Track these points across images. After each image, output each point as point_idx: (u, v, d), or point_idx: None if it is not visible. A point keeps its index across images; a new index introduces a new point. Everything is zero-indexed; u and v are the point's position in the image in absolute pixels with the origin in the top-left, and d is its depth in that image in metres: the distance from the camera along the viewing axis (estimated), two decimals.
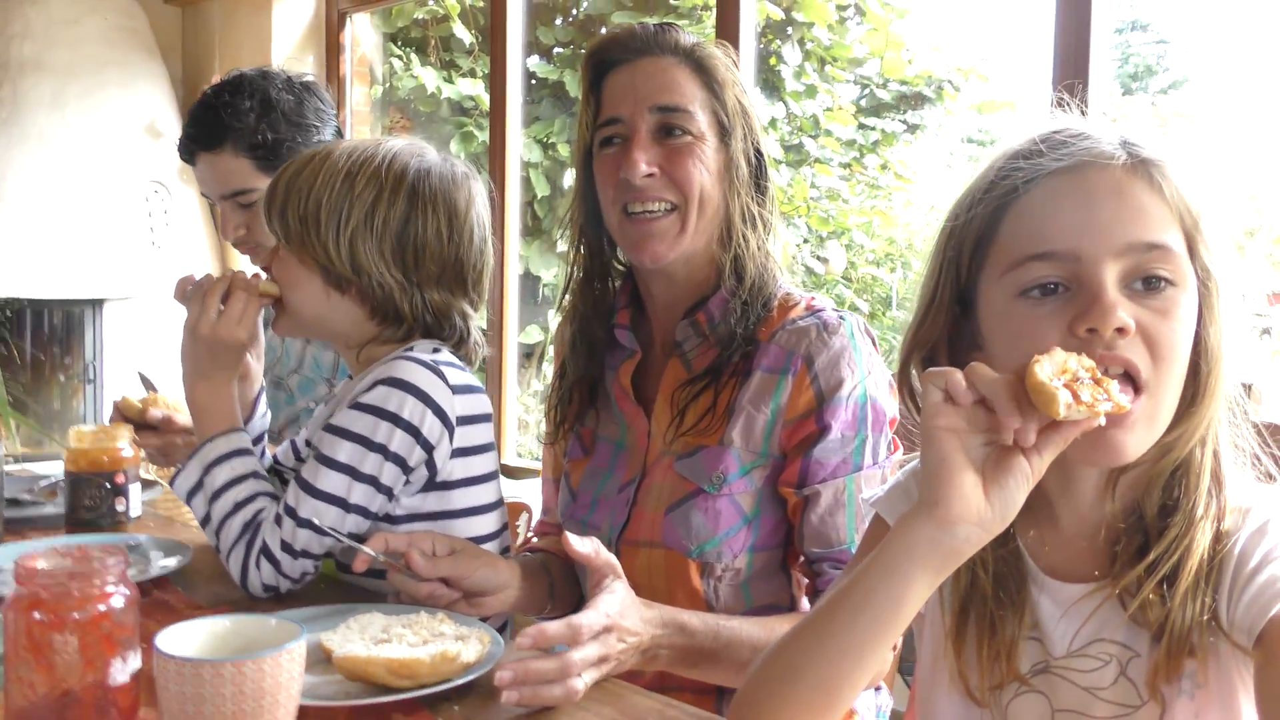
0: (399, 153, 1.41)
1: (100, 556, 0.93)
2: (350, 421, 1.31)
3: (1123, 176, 0.88)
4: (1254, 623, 0.83)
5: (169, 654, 0.82)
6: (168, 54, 4.75)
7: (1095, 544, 0.94)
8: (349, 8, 4.55)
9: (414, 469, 1.32)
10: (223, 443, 1.39)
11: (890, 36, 5.67)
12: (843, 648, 0.86)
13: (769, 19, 5.31)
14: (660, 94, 1.36)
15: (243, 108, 1.88)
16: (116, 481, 1.57)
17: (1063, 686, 0.95)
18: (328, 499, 1.29)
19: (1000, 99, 6.07)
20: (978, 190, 0.94)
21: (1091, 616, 0.93)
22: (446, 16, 5.28)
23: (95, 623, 0.89)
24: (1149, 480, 0.92)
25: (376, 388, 1.31)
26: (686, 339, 1.41)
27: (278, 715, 0.84)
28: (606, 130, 1.38)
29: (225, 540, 1.33)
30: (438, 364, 1.34)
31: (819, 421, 1.31)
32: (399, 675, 0.99)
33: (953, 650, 0.98)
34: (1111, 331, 0.84)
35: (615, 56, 1.40)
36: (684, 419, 1.37)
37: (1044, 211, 0.89)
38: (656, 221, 1.35)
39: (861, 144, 5.98)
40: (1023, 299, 0.89)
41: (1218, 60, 11.09)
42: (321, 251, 1.37)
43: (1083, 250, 0.86)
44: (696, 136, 1.35)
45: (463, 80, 5.25)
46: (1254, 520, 0.89)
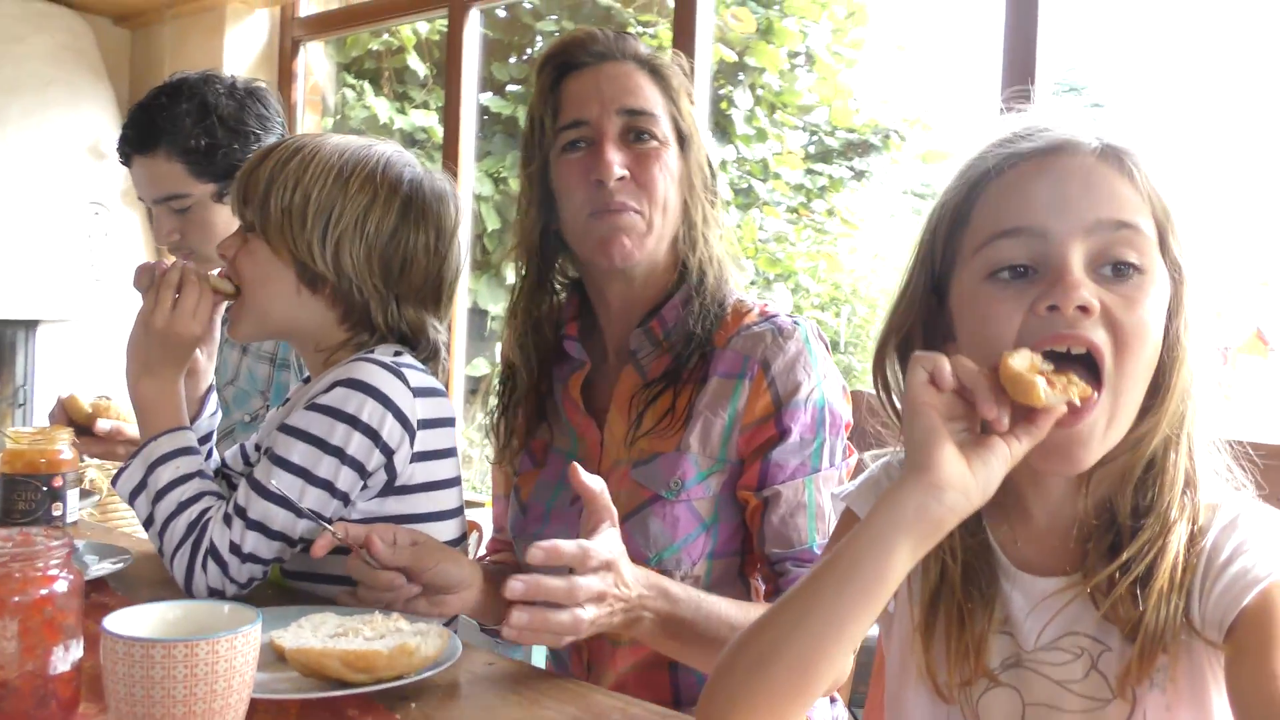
0: (391, 159, 1.40)
1: (44, 540, 0.89)
2: (307, 422, 1.27)
3: (1094, 161, 0.89)
4: (1224, 616, 0.84)
5: (118, 634, 0.79)
6: (115, 75, 4.68)
7: (1067, 540, 0.94)
8: (303, 35, 4.54)
9: (372, 473, 1.29)
10: (167, 441, 1.34)
11: (838, 86, 5.79)
12: (827, 621, 0.85)
13: (722, 61, 5.39)
14: (626, 97, 1.35)
15: (178, 110, 1.86)
16: (54, 485, 1.51)
17: (1034, 680, 0.94)
18: (279, 501, 1.25)
19: (944, 149, 6.21)
20: (956, 175, 0.95)
21: (1063, 611, 0.93)
22: (401, 48, 5.28)
23: (37, 607, 0.86)
24: (1121, 477, 0.92)
25: (335, 389, 1.28)
26: (641, 347, 1.40)
27: (230, 701, 0.81)
28: (571, 133, 1.36)
29: (169, 541, 1.28)
30: (399, 366, 1.31)
31: (778, 425, 1.31)
32: (355, 669, 0.95)
33: (921, 645, 0.98)
34: (1074, 309, 0.84)
35: (577, 59, 1.39)
36: (641, 422, 1.36)
37: (1014, 191, 0.90)
38: (622, 216, 1.34)
39: (809, 189, 6.07)
40: (991, 281, 0.90)
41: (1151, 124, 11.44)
42: (305, 248, 1.33)
43: (1050, 228, 0.87)
44: (661, 142, 1.36)
45: (415, 112, 5.24)
46: (1224, 515, 0.89)
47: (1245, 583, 0.83)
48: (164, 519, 1.29)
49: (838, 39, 5.78)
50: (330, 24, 4.54)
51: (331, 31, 4.60)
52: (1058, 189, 0.88)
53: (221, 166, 1.87)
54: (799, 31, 5.57)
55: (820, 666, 0.86)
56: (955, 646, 0.95)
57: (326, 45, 4.86)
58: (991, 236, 0.90)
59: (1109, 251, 0.87)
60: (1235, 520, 0.89)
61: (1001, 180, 0.91)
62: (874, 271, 6.56)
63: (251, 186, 1.36)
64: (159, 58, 4.65)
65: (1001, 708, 0.95)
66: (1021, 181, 0.90)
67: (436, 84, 5.31)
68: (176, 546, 1.27)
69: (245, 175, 1.38)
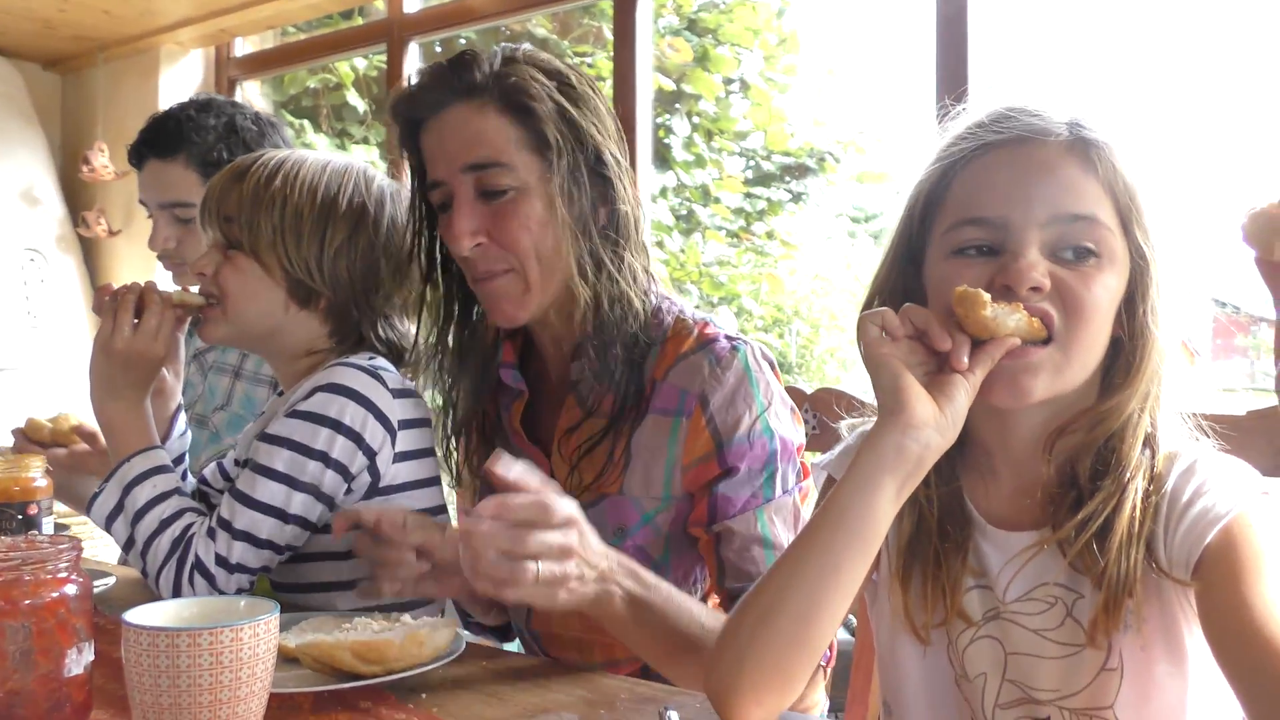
0: (369, 173, 1.42)
1: (51, 544, 0.89)
2: (288, 430, 1.28)
3: (1057, 153, 0.94)
4: (1190, 554, 0.89)
5: (141, 625, 0.79)
6: (46, 121, 4.62)
7: (1032, 500, 1.00)
8: (239, 75, 4.52)
9: (356, 476, 1.30)
10: (140, 461, 1.33)
11: (773, 111, 5.91)
12: (822, 568, 0.89)
13: (660, 90, 5.47)
14: (469, 151, 1.25)
15: (207, 124, 1.90)
16: (28, 513, 1.48)
17: (1014, 630, 0.99)
18: (265, 509, 1.25)
19: (878, 170, 6.36)
20: (932, 160, 1.01)
21: (1034, 562, 0.97)
22: (340, 85, 5.28)
23: (50, 609, 0.86)
24: (1082, 446, 0.97)
25: (316, 394, 1.29)
26: (582, 378, 1.32)
27: (254, 689, 0.82)
28: (435, 195, 1.30)
29: (153, 560, 1.27)
30: (375, 368, 1.33)
31: (721, 463, 1.25)
32: (367, 660, 0.96)
33: (899, 589, 1.03)
34: (1026, 290, 0.91)
35: (419, 114, 1.30)
36: (582, 475, 1.30)
37: (982, 181, 0.96)
38: (496, 281, 1.28)
39: (749, 212, 6.17)
40: (956, 257, 0.96)
41: None
42: (301, 265, 1.35)
43: (1011, 220, 0.93)
44: (519, 189, 1.25)
45: (356, 148, 5.24)
46: (1182, 462, 0.95)
47: (1207, 521, 0.89)
48: (145, 539, 1.28)
49: (771, 65, 5.91)
50: (267, 63, 4.53)
51: (268, 70, 4.59)
52: (1021, 183, 0.94)
53: None
54: (734, 58, 5.68)
55: (820, 615, 0.90)
56: (931, 588, 1.01)
57: (263, 84, 4.85)
58: (958, 222, 0.96)
59: (1066, 239, 0.93)
60: (1193, 465, 0.94)
61: (970, 168, 0.97)
62: (815, 292, 6.67)
63: (233, 205, 1.36)
64: (92, 102, 4.60)
65: (985, 657, 1.01)
66: (988, 172, 0.96)
67: (376, 119, 5.32)
68: (162, 564, 1.26)
69: (220, 193, 1.38)
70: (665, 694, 1.01)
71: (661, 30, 5.52)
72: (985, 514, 1.03)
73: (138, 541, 1.29)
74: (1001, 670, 1.00)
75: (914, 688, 1.06)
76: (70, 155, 4.62)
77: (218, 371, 1.96)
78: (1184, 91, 6.24)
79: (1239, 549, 0.87)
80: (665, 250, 4.91)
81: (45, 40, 4.43)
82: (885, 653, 1.10)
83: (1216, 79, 6.24)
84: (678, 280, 5.29)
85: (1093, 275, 0.93)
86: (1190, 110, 5.91)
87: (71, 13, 4.09)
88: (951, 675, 1.03)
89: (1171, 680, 0.94)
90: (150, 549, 1.27)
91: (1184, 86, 6.29)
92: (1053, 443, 0.98)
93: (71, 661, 0.87)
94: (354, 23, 4.56)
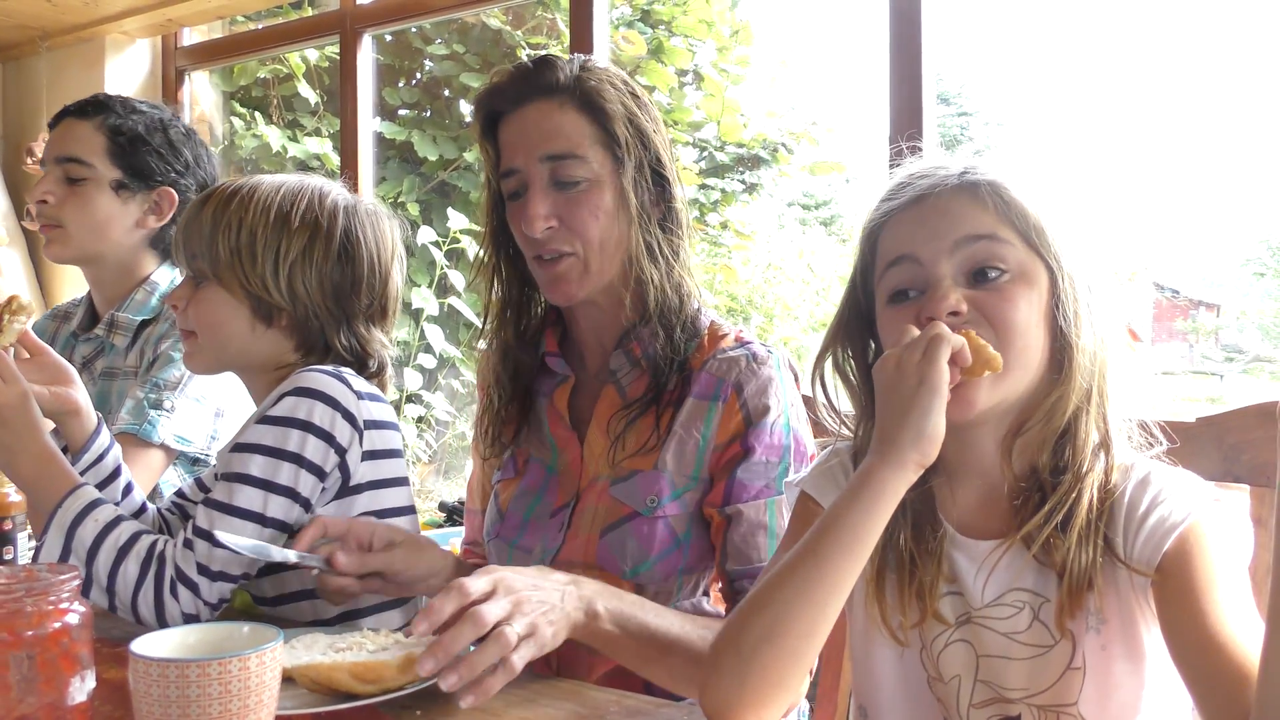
0: (324, 189, 1.46)
1: (52, 574, 0.90)
2: (259, 436, 1.30)
3: (951, 194, 1.06)
4: (1151, 556, 0.97)
5: (151, 657, 0.81)
6: None
7: (1000, 505, 1.07)
8: (187, 65, 4.45)
9: (329, 474, 1.32)
10: (71, 502, 1.29)
11: (726, 102, 5.94)
12: (831, 589, 0.96)
13: None
14: (548, 142, 1.36)
15: (136, 105, 1.95)
16: (3, 529, 1.48)
17: (985, 634, 1.06)
18: (243, 514, 1.27)
19: (830, 160, 6.44)
20: (862, 233, 1.14)
21: (1004, 567, 1.05)
22: (290, 75, 5.22)
23: (54, 639, 0.87)
24: (1040, 444, 1.05)
25: (284, 399, 1.32)
26: (621, 367, 1.43)
27: (261, 715, 0.84)
28: (509, 182, 1.40)
29: (124, 587, 1.25)
30: (339, 372, 1.36)
31: (744, 444, 1.34)
32: (364, 680, 0.98)
33: (874, 594, 1.09)
34: (946, 315, 1.01)
35: (501, 106, 1.41)
36: (625, 444, 1.39)
37: (896, 231, 1.09)
38: (559, 264, 1.37)
39: (703, 203, 6.21)
40: (891, 305, 1.08)
41: (1015, 131, 12.09)
42: (258, 283, 1.38)
43: (920, 253, 1.05)
44: (592, 180, 1.36)
45: (308, 139, 5.18)
46: (1137, 473, 1.03)
47: (1165, 529, 0.97)
48: (109, 570, 1.25)
49: (724, 57, 5.94)
50: (215, 52, 4.46)
51: (217, 60, 4.52)
52: (925, 222, 1.06)
53: (139, 162, 1.92)
54: (687, 50, 5.71)
55: (823, 631, 0.97)
56: (907, 590, 1.07)
57: (212, 74, 4.78)
58: (885, 267, 1.09)
59: (971, 261, 1.04)
60: (1147, 477, 1.02)
61: (888, 226, 1.10)
62: (768, 282, 6.73)
63: (195, 235, 1.40)
64: (35, 91, 4.50)
65: (959, 660, 1.07)
66: (899, 225, 1.09)
67: (328, 110, 5.27)
68: (136, 588, 1.24)
69: (186, 227, 1.42)
70: (653, 706, 1.04)
71: (615, 22, 5.52)
72: (954, 523, 1.09)
73: (99, 577, 1.26)
74: (974, 672, 1.06)
75: (890, 690, 1.12)
76: (12, 145, 4.52)
77: (106, 378, 1.95)
78: (1128, 73, 6.40)
79: (1195, 556, 0.95)
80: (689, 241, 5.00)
81: None
82: (860, 656, 1.15)
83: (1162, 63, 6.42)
84: None
85: (1007, 290, 1.03)
86: (1132, 95, 6.07)
87: (13, 1, 4.00)
88: (925, 677, 1.10)
89: (1129, 678, 1.01)
90: (117, 578, 1.25)
91: (1128, 67, 6.45)
92: (1010, 445, 1.06)
93: (75, 690, 0.88)
94: (304, 13, 4.50)
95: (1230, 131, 12.02)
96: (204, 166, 2.01)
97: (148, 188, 1.94)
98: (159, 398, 1.80)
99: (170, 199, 1.95)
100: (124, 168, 1.91)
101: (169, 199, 1.95)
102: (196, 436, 1.83)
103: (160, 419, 1.78)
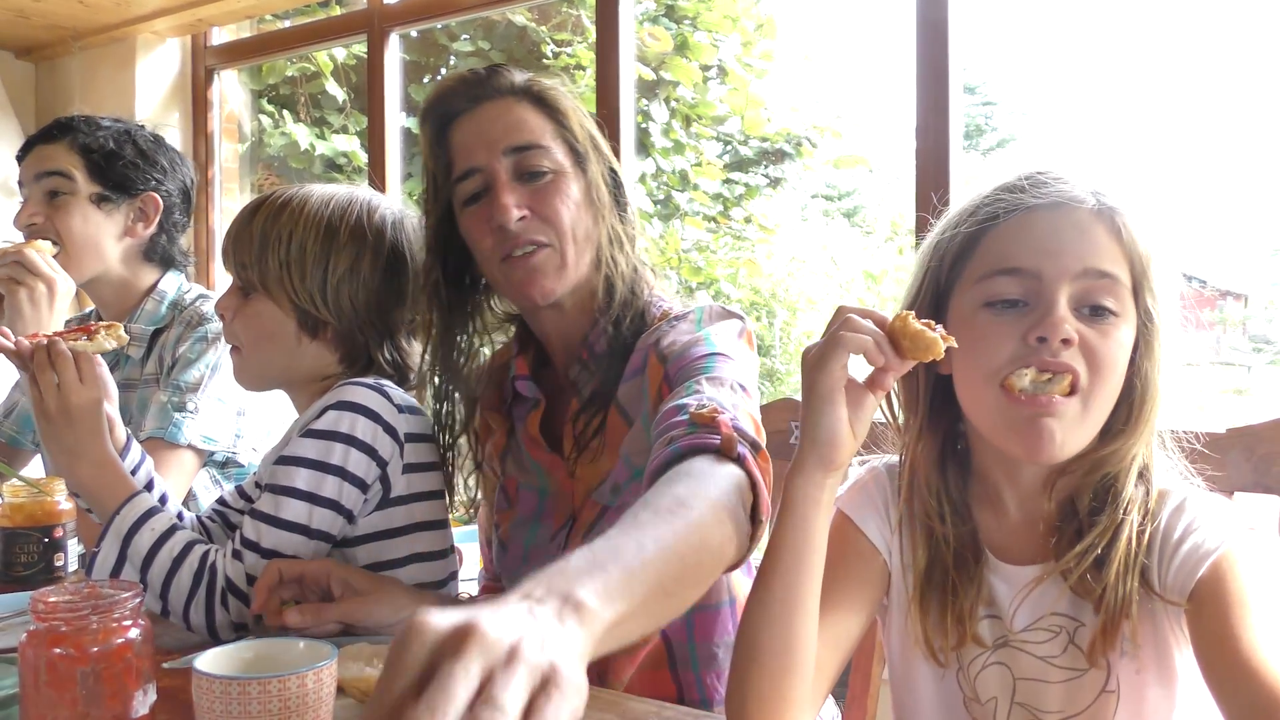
0: (372, 203, 1.47)
1: (116, 591, 0.93)
2: (304, 449, 1.33)
3: (1088, 217, 1.02)
4: (1185, 584, 0.98)
5: (214, 674, 0.84)
6: (20, 110, 4.58)
7: (1037, 533, 1.08)
8: (216, 64, 4.50)
9: (370, 486, 1.35)
10: (129, 510, 1.33)
11: (750, 96, 5.95)
12: (785, 601, 0.98)
13: (639, 78, 5.50)
14: (511, 135, 1.34)
15: (100, 123, 1.95)
16: (54, 536, 1.52)
17: (1021, 658, 1.07)
18: (290, 527, 1.30)
19: (854, 155, 6.43)
20: (965, 213, 1.08)
21: (1040, 593, 1.06)
22: (318, 73, 5.27)
23: (119, 654, 0.90)
24: (1081, 484, 1.05)
25: (327, 413, 1.34)
26: (579, 378, 1.40)
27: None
28: (467, 184, 1.35)
29: (177, 597, 1.29)
30: (381, 385, 1.38)
31: (668, 381, 1.24)
32: None
33: (918, 614, 1.10)
34: (1058, 341, 0.98)
35: (455, 107, 1.38)
36: (587, 460, 1.36)
37: (1017, 236, 1.03)
38: (535, 256, 1.33)
39: (727, 197, 6.22)
40: (987, 309, 1.03)
41: (1039, 120, 12.00)
42: (306, 297, 1.40)
43: (1044, 270, 1.01)
44: (557, 172, 1.34)
45: (336, 137, 5.23)
46: (1172, 501, 1.03)
47: (1198, 557, 0.98)
48: (161, 581, 1.29)
49: (748, 51, 5.95)
50: (244, 52, 4.50)
51: (246, 59, 4.56)
52: (1055, 240, 1.01)
53: (116, 175, 1.92)
54: (711, 45, 5.72)
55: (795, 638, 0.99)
56: (950, 614, 1.08)
57: (240, 73, 4.83)
58: (994, 271, 1.03)
59: (1089, 296, 1.00)
60: (1182, 504, 1.03)
61: (1007, 224, 1.04)
62: (791, 275, 6.74)
63: (244, 245, 1.42)
64: (67, 91, 4.56)
65: (995, 682, 1.09)
66: (1024, 229, 1.03)
67: (355, 108, 5.31)
68: (189, 598, 1.28)
69: (234, 236, 1.44)
70: (690, 717, 1.07)
71: (640, 18, 5.54)
72: (994, 548, 1.10)
73: (153, 585, 1.29)
74: (1011, 694, 1.07)
75: (928, 710, 1.13)
76: None
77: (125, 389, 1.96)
78: (1153, 59, 6.35)
79: (1227, 582, 0.96)
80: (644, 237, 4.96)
81: (18, 29, 4.39)
82: (899, 676, 1.17)
83: (1192, 62, 6.37)
84: (657, 266, 5.32)
85: (1111, 333, 1.00)
86: (1158, 82, 6.02)
87: (46, 2, 4.06)
88: (962, 698, 1.11)
89: (1163, 702, 1.03)
90: (171, 588, 1.29)
91: (1153, 53, 6.40)
92: (1054, 482, 1.06)
93: (138, 704, 0.91)
94: (332, 11, 4.53)
95: (1258, 119, 12.01)
96: (180, 170, 2.02)
97: (129, 196, 1.94)
98: (181, 400, 1.83)
99: (155, 204, 1.96)
100: (102, 182, 1.91)
101: (153, 204, 1.96)
102: (222, 436, 1.86)
103: (185, 421, 1.81)
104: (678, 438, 1.04)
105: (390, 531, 1.39)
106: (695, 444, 1.02)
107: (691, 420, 1.06)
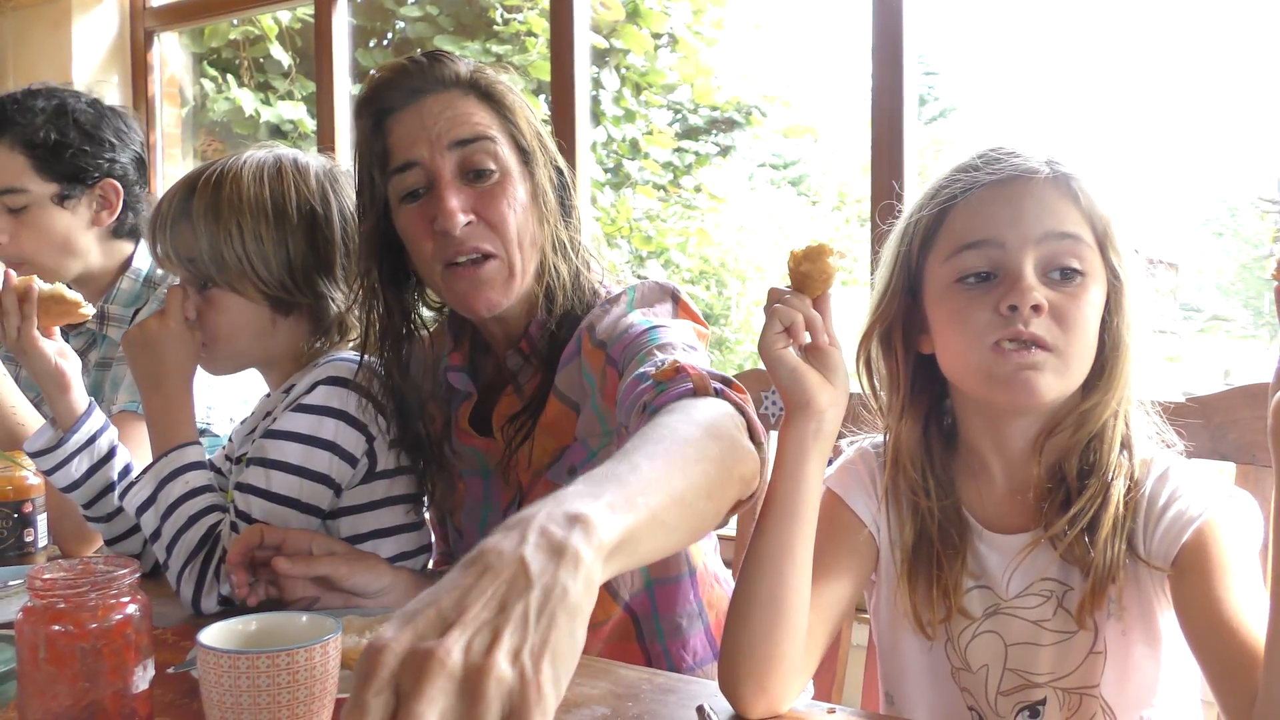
0: (301, 164, 1.44)
1: (112, 568, 0.93)
2: (294, 424, 1.34)
3: (1044, 185, 1.05)
4: (1169, 550, 1.02)
5: (220, 649, 0.84)
6: None
7: (1026, 500, 1.11)
8: (156, 26, 4.38)
9: (359, 460, 1.36)
10: (176, 456, 1.36)
11: (700, 65, 5.94)
12: (778, 556, 1.01)
13: (592, 47, 5.46)
14: (455, 128, 1.26)
15: (33, 106, 1.83)
16: (23, 511, 1.50)
17: (1013, 624, 1.10)
18: (281, 500, 1.31)
19: (803, 124, 6.46)
20: (926, 196, 1.12)
21: (1030, 560, 1.09)
22: (262, 37, 5.15)
23: (118, 630, 0.90)
24: (1069, 447, 1.09)
25: (317, 388, 1.35)
26: (517, 367, 1.37)
27: (325, 702, 0.87)
28: (406, 178, 1.28)
29: (178, 557, 1.31)
30: (369, 362, 1.38)
31: (612, 363, 1.23)
32: None
33: (906, 588, 1.13)
34: (1029, 309, 1.01)
35: (394, 101, 1.29)
36: (533, 454, 1.34)
37: (979, 211, 1.06)
38: (482, 267, 1.27)
39: (678, 166, 6.22)
40: (959, 285, 1.06)
41: (980, 90, 12.14)
42: (276, 284, 1.38)
43: (1007, 239, 1.04)
44: (503, 172, 1.28)
45: (282, 103, 5.12)
46: (1156, 469, 1.07)
47: (1182, 523, 1.02)
48: (173, 534, 1.32)
49: (698, 19, 5.94)
50: (185, 14, 4.38)
51: (187, 22, 4.44)
52: (1014, 208, 1.05)
53: (68, 167, 1.84)
54: (663, 13, 5.69)
55: (787, 595, 1.02)
56: (937, 588, 1.11)
57: (181, 36, 4.70)
58: (959, 247, 1.06)
59: (1055, 259, 1.04)
60: (1166, 472, 1.07)
61: (967, 201, 1.07)
62: (740, 244, 6.77)
63: (187, 239, 1.37)
64: (0, 54, 4.42)
65: (988, 649, 1.12)
66: (984, 204, 1.06)
67: (300, 73, 5.21)
68: (186, 561, 1.31)
69: (172, 226, 1.38)
70: (682, 684, 1.09)
71: None
72: (981, 519, 1.13)
73: (164, 535, 1.33)
74: (1003, 661, 1.10)
75: (915, 679, 1.16)
76: None
77: (101, 368, 1.94)
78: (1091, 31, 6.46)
79: (1210, 548, 1.00)
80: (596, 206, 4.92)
81: None
82: (887, 647, 1.20)
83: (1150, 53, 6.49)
84: (608, 235, 5.33)
85: (1079, 294, 1.04)
86: (1093, 52, 6.13)
87: None
88: (949, 668, 1.14)
89: (1148, 662, 1.07)
90: (177, 545, 1.32)
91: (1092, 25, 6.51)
92: (1042, 444, 1.09)
93: (139, 678, 0.91)
94: None
95: (1189, 91, 12.29)
96: (128, 139, 1.93)
97: (87, 187, 1.86)
98: None
99: (115, 189, 1.89)
100: (56, 178, 1.83)
101: (113, 190, 1.89)
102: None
103: None
104: (650, 400, 1.02)
105: (372, 504, 1.41)
106: (670, 396, 1.01)
107: (657, 380, 1.05)
